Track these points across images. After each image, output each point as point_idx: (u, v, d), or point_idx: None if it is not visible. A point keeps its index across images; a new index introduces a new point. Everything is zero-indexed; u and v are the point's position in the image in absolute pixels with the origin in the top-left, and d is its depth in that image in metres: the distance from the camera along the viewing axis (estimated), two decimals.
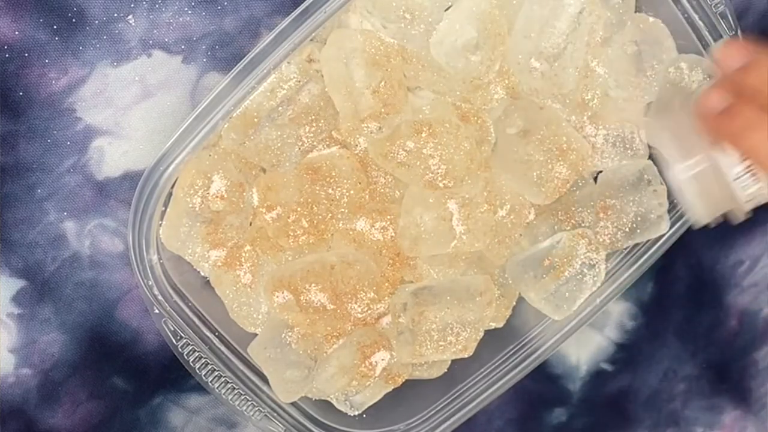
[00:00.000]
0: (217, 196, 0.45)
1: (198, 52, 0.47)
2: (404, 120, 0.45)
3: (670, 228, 0.48)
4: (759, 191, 0.38)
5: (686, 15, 0.46)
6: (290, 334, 0.47)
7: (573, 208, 0.48)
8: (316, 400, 0.49)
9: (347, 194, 0.46)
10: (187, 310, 0.46)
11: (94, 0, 0.46)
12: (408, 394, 0.50)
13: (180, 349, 0.46)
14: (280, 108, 0.45)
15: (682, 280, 0.56)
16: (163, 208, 0.45)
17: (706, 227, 0.53)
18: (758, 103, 0.36)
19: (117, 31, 0.46)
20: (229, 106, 0.43)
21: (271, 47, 0.43)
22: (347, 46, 0.44)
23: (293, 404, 0.48)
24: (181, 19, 0.46)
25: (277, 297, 0.45)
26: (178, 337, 0.46)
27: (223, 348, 0.47)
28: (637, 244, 0.49)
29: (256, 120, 0.44)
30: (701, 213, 0.41)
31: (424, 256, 0.47)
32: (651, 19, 0.47)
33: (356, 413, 0.49)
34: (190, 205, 0.45)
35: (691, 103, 0.39)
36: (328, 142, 0.46)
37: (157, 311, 0.45)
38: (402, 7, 0.44)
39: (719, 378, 0.57)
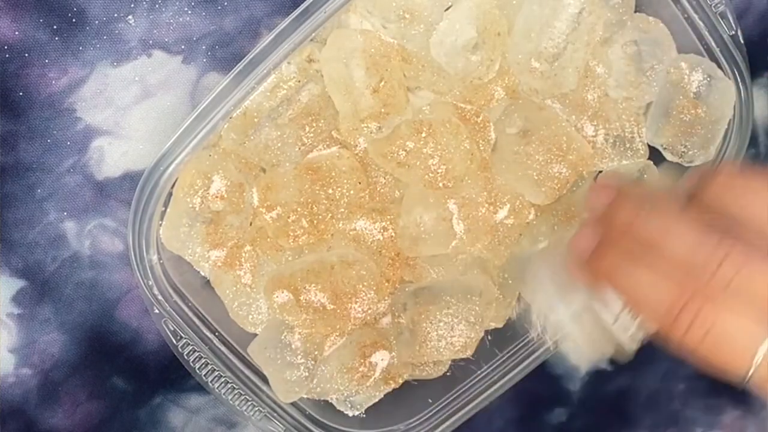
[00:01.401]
0: (217, 196, 0.45)
1: (198, 52, 0.47)
2: (404, 120, 0.45)
3: None
4: (638, 330, 0.37)
5: (686, 15, 0.46)
6: (290, 334, 0.47)
7: (573, 208, 0.48)
8: (316, 400, 0.49)
9: (347, 194, 0.46)
10: (187, 310, 0.46)
11: (94, 0, 0.46)
12: (408, 394, 0.50)
13: (180, 349, 0.46)
14: (280, 108, 0.45)
15: None
16: (163, 208, 0.45)
17: None
18: (626, 240, 0.34)
19: (117, 31, 0.46)
20: (229, 106, 0.43)
21: (271, 47, 0.43)
22: (347, 46, 0.44)
23: (293, 404, 0.48)
24: (181, 19, 0.47)
25: (277, 297, 0.45)
26: (178, 337, 0.46)
27: (223, 348, 0.47)
28: None
29: (256, 120, 0.44)
30: (585, 358, 0.39)
31: (424, 256, 0.47)
32: (651, 19, 0.47)
33: (356, 413, 0.49)
34: (190, 205, 0.45)
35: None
36: (328, 142, 0.46)
37: (157, 311, 0.45)
38: (402, 7, 0.44)
39: (719, 378, 0.57)
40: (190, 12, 0.47)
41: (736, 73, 0.46)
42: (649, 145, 0.49)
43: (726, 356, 0.33)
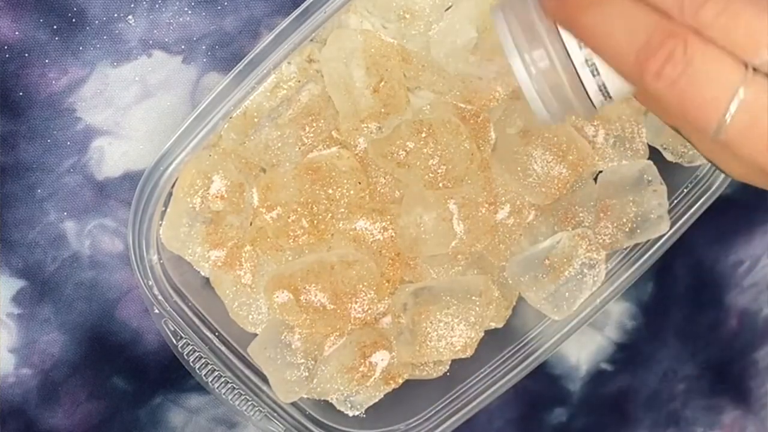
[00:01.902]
0: (217, 196, 0.45)
1: (198, 52, 0.47)
2: (404, 120, 0.45)
3: (670, 228, 0.48)
4: (604, 81, 0.32)
5: None
6: (290, 334, 0.47)
7: (573, 208, 0.48)
8: (316, 400, 0.49)
9: (347, 194, 0.46)
10: (187, 310, 0.46)
11: (94, 0, 0.46)
12: (408, 394, 0.50)
13: (180, 349, 0.46)
14: (280, 108, 0.45)
15: (682, 280, 0.56)
16: (163, 208, 0.45)
17: (703, 227, 0.54)
18: None
19: (117, 31, 0.46)
20: (229, 106, 0.43)
21: (271, 47, 0.43)
22: (347, 46, 0.44)
23: (293, 404, 0.48)
24: (181, 19, 0.47)
25: (277, 297, 0.45)
26: (178, 337, 0.46)
27: (223, 348, 0.47)
28: (637, 244, 0.49)
29: (256, 120, 0.44)
30: (549, 112, 0.34)
31: (424, 256, 0.47)
32: None
33: (356, 413, 0.49)
34: (190, 205, 0.45)
35: None
36: (328, 142, 0.46)
37: (157, 311, 0.45)
38: (402, 7, 0.44)
39: (719, 378, 0.57)
40: (190, 12, 0.47)
41: None
42: (649, 145, 0.49)
43: (700, 101, 0.29)
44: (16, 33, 0.45)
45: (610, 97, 0.33)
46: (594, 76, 0.32)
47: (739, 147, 0.30)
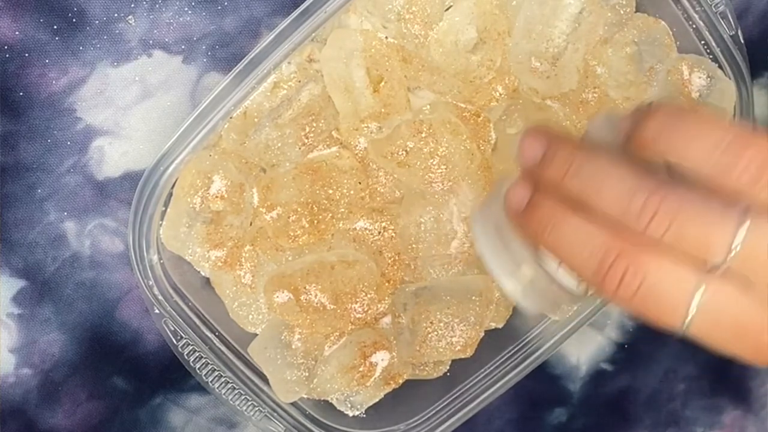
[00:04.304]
0: (217, 196, 0.45)
1: (198, 52, 0.47)
2: (404, 120, 0.45)
3: None
4: (580, 282, 0.35)
5: (686, 15, 0.46)
6: (290, 334, 0.47)
7: None
8: (316, 400, 0.49)
9: (347, 194, 0.46)
10: (187, 310, 0.46)
11: (94, 0, 0.46)
12: (408, 394, 0.50)
13: (180, 349, 0.46)
14: (280, 108, 0.45)
15: None
16: (163, 208, 0.45)
17: None
18: (558, 192, 0.33)
19: (117, 31, 0.46)
20: (229, 106, 0.43)
21: (271, 47, 0.43)
22: (347, 46, 0.44)
23: (293, 404, 0.48)
24: (181, 19, 0.47)
25: (277, 297, 0.45)
26: (178, 337, 0.46)
27: (223, 348, 0.47)
28: None
29: (256, 120, 0.44)
30: (536, 308, 0.38)
31: (424, 256, 0.47)
32: (651, 19, 0.47)
33: (356, 413, 0.49)
34: (191, 205, 0.45)
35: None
36: (328, 142, 0.46)
37: (157, 311, 0.45)
38: (402, 7, 0.44)
39: (719, 378, 0.57)
40: (190, 12, 0.47)
41: (736, 73, 0.46)
42: None
43: (660, 309, 0.31)
44: (16, 33, 0.45)
45: None
46: (567, 278, 0.35)
47: (707, 340, 0.31)
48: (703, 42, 0.46)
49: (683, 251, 0.30)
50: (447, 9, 0.45)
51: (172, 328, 0.46)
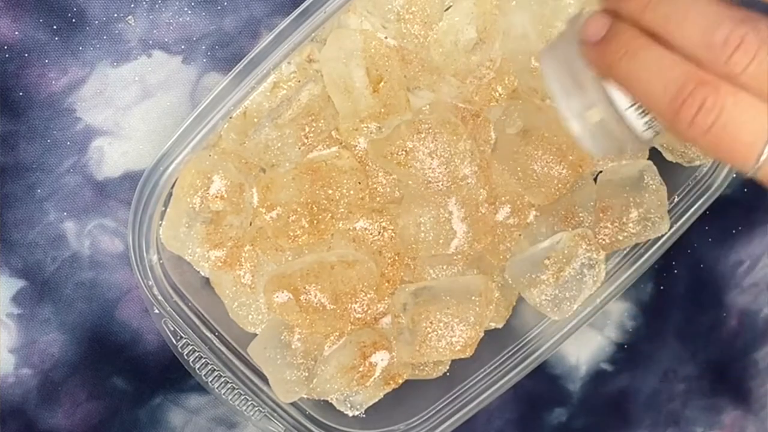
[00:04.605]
0: (217, 196, 0.45)
1: (198, 52, 0.47)
2: (404, 120, 0.45)
3: (670, 228, 0.48)
4: (650, 121, 0.34)
5: None
6: (290, 334, 0.47)
7: (573, 208, 0.48)
8: (316, 400, 0.49)
9: (347, 194, 0.46)
10: (187, 310, 0.46)
11: (94, 0, 0.46)
12: (408, 394, 0.50)
13: (180, 349, 0.46)
14: (280, 108, 0.45)
15: (682, 280, 0.56)
16: (163, 208, 0.45)
17: (703, 227, 0.54)
18: (638, 25, 0.32)
19: (117, 32, 0.46)
20: (229, 106, 0.43)
21: (271, 47, 0.43)
22: (347, 46, 0.44)
23: (293, 404, 0.48)
24: (181, 19, 0.47)
25: (277, 297, 0.45)
26: (178, 337, 0.46)
27: (223, 348, 0.47)
28: (637, 244, 0.49)
29: (256, 120, 0.44)
30: (600, 150, 0.37)
31: (424, 256, 0.47)
32: None
33: (356, 413, 0.49)
34: (190, 205, 0.45)
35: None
36: (328, 142, 0.46)
37: (157, 311, 0.45)
38: (402, 7, 0.44)
39: (719, 378, 0.57)
40: (190, 12, 0.47)
41: None
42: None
43: (734, 146, 0.30)
44: (16, 33, 0.45)
45: (662, 131, 0.34)
46: (642, 116, 0.34)
47: None
48: None
49: (760, 92, 0.30)
50: (447, 9, 0.45)
51: (172, 328, 0.46)
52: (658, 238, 0.48)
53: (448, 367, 0.50)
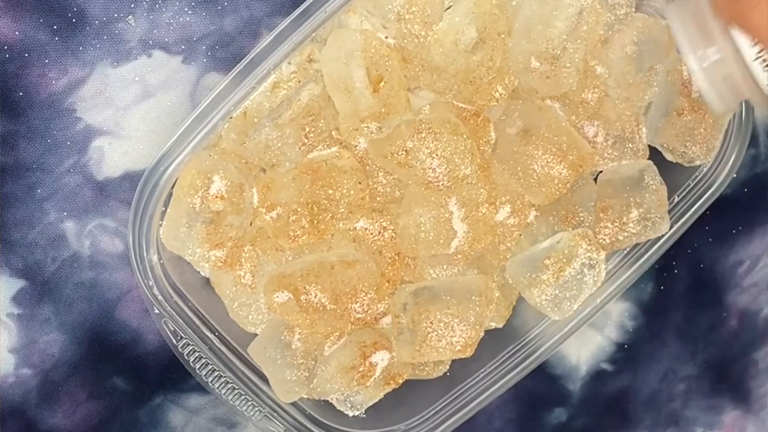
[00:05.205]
0: (217, 196, 0.45)
1: (198, 53, 0.47)
2: (404, 120, 0.45)
3: (670, 228, 0.48)
4: None
5: None
6: (290, 334, 0.47)
7: (573, 208, 0.48)
8: (316, 400, 0.49)
9: (347, 194, 0.46)
10: (187, 310, 0.46)
11: (94, 0, 0.46)
12: (408, 394, 0.50)
13: (180, 349, 0.46)
14: (280, 108, 0.45)
15: (682, 280, 0.56)
16: (163, 208, 0.45)
17: (703, 227, 0.54)
18: None
19: (117, 32, 0.46)
20: (229, 106, 0.43)
21: (271, 47, 0.43)
22: (347, 46, 0.44)
23: (293, 404, 0.48)
24: (181, 19, 0.47)
25: (277, 297, 0.45)
26: (178, 337, 0.46)
27: (223, 348, 0.47)
28: (637, 244, 0.49)
29: (256, 120, 0.44)
30: (723, 102, 0.37)
31: (424, 256, 0.47)
32: (651, 19, 0.47)
33: (356, 413, 0.49)
34: (190, 205, 0.45)
35: None
36: (328, 142, 0.46)
37: (157, 311, 0.45)
38: (402, 7, 0.44)
39: (719, 378, 0.57)
40: (190, 12, 0.47)
41: None
42: (649, 145, 0.49)
43: None
44: (16, 33, 0.45)
45: None
46: (766, 69, 0.34)
47: None
48: None
49: None
50: (447, 9, 0.45)
51: (172, 328, 0.46)
52: (659, 238, 0.48)
53: (448, 367, 0.50)
